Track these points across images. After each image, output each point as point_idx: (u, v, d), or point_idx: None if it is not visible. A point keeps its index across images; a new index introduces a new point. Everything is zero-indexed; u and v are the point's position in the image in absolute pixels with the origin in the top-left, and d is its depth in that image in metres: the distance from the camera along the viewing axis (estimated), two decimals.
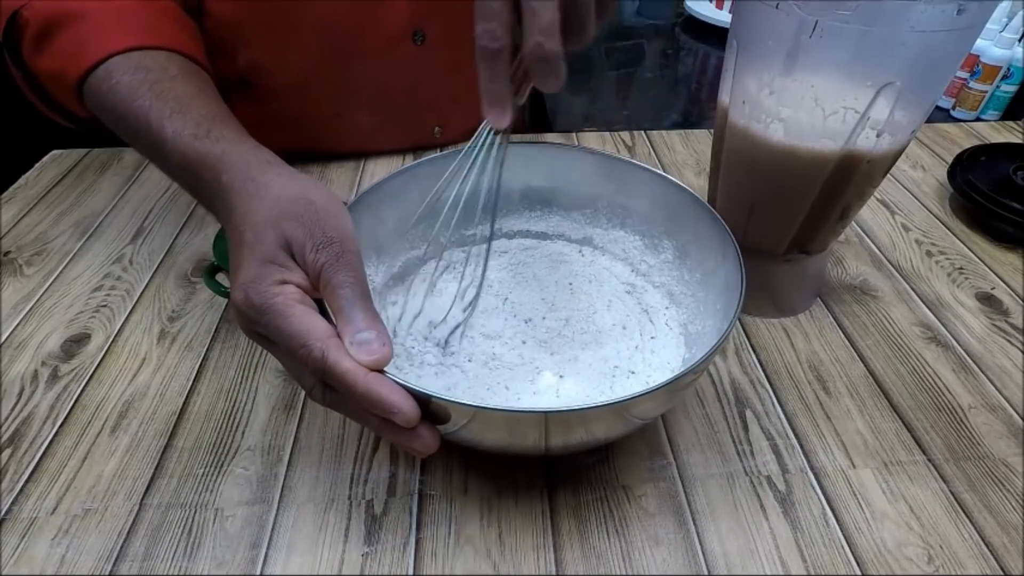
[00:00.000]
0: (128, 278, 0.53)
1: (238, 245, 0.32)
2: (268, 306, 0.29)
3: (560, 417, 0.30)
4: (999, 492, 0.38)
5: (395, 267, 0.46)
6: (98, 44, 0.42)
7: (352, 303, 0.30)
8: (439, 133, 0.70)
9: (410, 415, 0.29)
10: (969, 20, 0.35)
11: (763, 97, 0.41)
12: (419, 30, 0.62)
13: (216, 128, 0.37)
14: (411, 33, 0.62)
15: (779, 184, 0.44)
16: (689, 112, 2.09)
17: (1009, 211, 0.56)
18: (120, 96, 0.40)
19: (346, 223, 0.32)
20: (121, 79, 0.40)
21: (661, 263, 0.47)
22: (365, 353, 0.29)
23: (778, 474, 0.39)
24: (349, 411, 0.31)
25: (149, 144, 0.38)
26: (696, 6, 2.49)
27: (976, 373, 0.46)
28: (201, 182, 0.36)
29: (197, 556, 0.35)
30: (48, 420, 0.42)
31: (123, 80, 0.40)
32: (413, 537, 0.36)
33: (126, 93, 0.40)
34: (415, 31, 0.62)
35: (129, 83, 0.40)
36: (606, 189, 0.47)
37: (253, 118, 0.39)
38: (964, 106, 1.81)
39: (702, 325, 0.42)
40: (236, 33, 0.57)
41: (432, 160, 0.44)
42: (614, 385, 0.40)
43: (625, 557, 0.35)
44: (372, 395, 0.28)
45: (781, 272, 0.49)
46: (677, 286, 0.45)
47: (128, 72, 0.41)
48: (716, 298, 0.40)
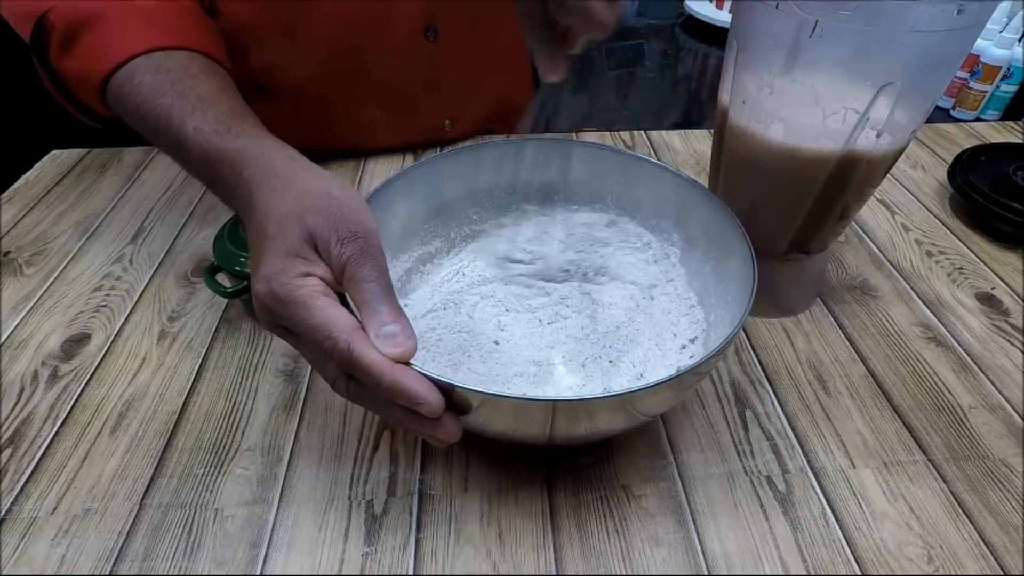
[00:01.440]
0: (128, 278, 0.53)
1: (260, 238, 0.32)
2: (292, 298, 0.29)
3: (567, 407, 0.31)
4: (999, 492, 0.38)
5: (409, 263, 0.47)
6: (120, 46, 0.42)
7: (377, 297, 0.30)
8: (449, 127, 0.71)
9: (435, 406, 0.29)
10: (969, 20, 0.35)
11: (763, 97, 0.41)
12: (432, 26, 0.62)
13: (237, 124, 0.37)
14: (424, 29, 0.62)
15: (779, 184, 0.44)
16: (689, 112, 2.09)
17: (1009, 211, 0.56)
18: (142, 96, 0.40)
19: (368, 218, 0.32)
20: (143, 79, 0.41)
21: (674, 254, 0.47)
22: (391, 346, 0.29)
23: (778, 474, 0.39)
24: (373, 403, 0.31)
25: (170, 141, 0.39)
26: (696, 6, 2.48)
27: (976, 373, 0.46)
28: (222, 177, 0.36)
29: (197, 556, 0.35)
30: (48, 420, 0.42)
31: (145, 80, 0.41)
32: (413, 537, 0.36)
33: (148, 93, 0.40)
34: (428, 27, 0.62)
35: (151, 83, 0.40)
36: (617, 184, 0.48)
37: (265, 118, 0.40)
38: (964, 106, 1.81)
39: (715, 315, 0.42)
40: (249, 35, 0.57)
41: (443, 156, 0.44)
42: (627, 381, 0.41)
43: (625, 557, 0.35)
44: (398, 386, 0.29)
45: (781, 272, 0.49)
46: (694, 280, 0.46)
47: (150, 72, 0.41)
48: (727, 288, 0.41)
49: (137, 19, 0.44)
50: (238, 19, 0.55)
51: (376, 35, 0.61)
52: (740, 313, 0.34)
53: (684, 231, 0.46)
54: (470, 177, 0.44)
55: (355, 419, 0.42)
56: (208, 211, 0.60)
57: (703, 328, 0.43)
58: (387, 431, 0.41)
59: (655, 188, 0.46)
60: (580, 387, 0.41)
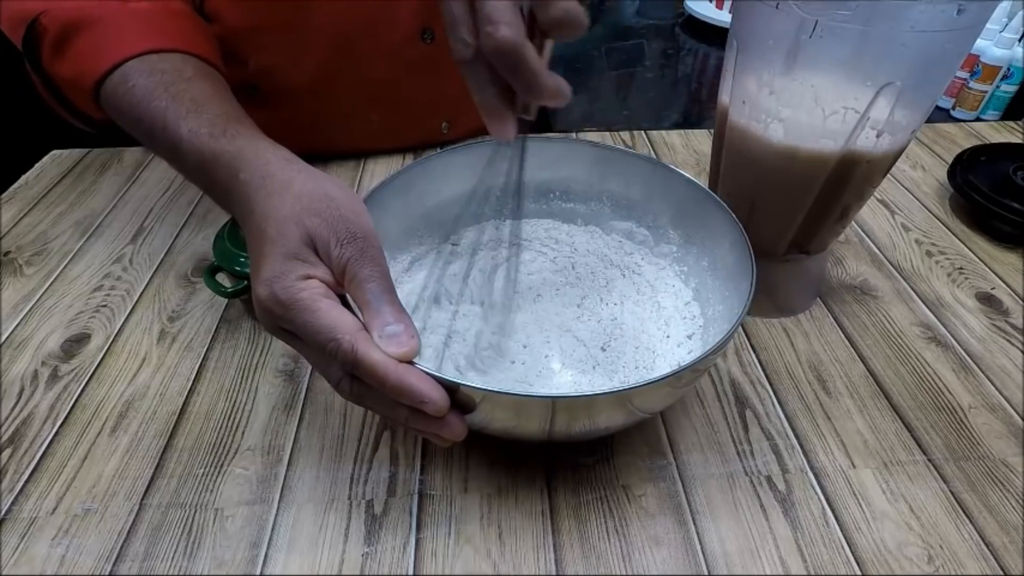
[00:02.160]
0: (128, 278, 0.53)
1: (259, 242, 0.32)
2: (294, 301, 0.29)
3: (566, 403, 0.31)
4: (999, 492, 0.38)
5: (404, 262, 0.47)
6: (114, 48, 0.42)
7: (379, 297, 0.30)
8: (447, 129, 0.71)
9: (440, 404, 0.29)
10: (969, 20, 0.35)
11: (763, 97, 0.41)
12: (428, 28, 0.62)
13: (232, 127, 0.37)
14: (420, 31, 0.62)
15: (779, 184, 0.44)
16: (689, 112, 2.09)
17: (1009, 211, 0.56)
18: (136, 98, 0.40)
19: (366, 219, 0.32)
20: (137, 82, 0.41)
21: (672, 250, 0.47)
22: (395, 345, 0.29)
23: (778, 474, 0.39)
24: (377, 403, 0.31)
25: (165, 145, 0.39)
26: (696, 6, 2.48)
27: (976, 373, 0.46)
28: (218, 180, 0.36)
29: (197, 556, 0.35)
30: (48, 420, 0.42)
31: (139, 83, 0.41)
32: (413, 537, 0.36)
33: (142, 95, 0.40)
34: (424, 29, 0.62)
35: (145, 85, 0.40)
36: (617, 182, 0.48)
37: (261, 122, 0.40)
38: (964, 106, 1.81)
39: (713, 311, 0.42)
40: (244, 38, 0.57)
41: (438, 156, 0.44)
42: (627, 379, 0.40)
43: (625, 557, 0.35)
44: (403, 386, 0.29)
45: (781, 272, 0.49)
46: (692, 277, 0.46)
47: (144, 75, 0.41)
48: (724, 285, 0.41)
49: (131, 22, 0.44)
50: (232, 23, 0.55)
51: (372, 37, 0.61)
52: (739, 311, 0.34)
53: (683, 230, 0.46)
54: (468, 176, 0.44)
55: (355, 419, 0.42)
56: (208, 211, 0.60)
57: (701, 326, 0.43)
58: (387, 431, 0.41)
59: (654, 187, 0.46)
60: (578, 383, 0.41)
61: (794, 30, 0.37)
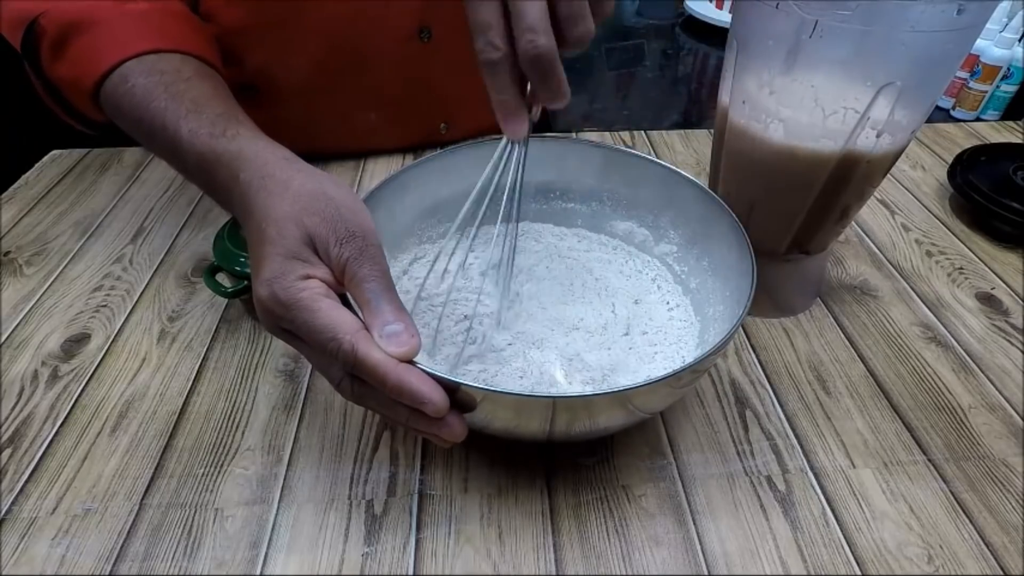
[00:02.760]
0: (128, 278, 0.53)
1: (259, 242, 0.32)
2: (295, 301, 0.30)
3: (566, 403, 0.31)
4: (999, 492, 0.38)
5: (404, 262, 0.47)
6: (113, 49, 0.42)
7: (379, 296, 0.30)
8: (445, 130, 0.71)
9: (440, 405, 0.29)
10: (969, 20, 0.35)
11: (763, 97, 0.41)
12: (426, 27, 0.62)
13: (232, 127, 0.37)
14: (418, 31, 0.62)
15: (779, 184, 0.44)
16: (689, 112, 2.09)
17: (1009, 211, 0.56)
18: (136, 99, 0.40)
19: (366, 218, 0.32)
20: (136, 82, 0.41)
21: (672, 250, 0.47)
22: (395, 345, 0.29)
23: (778, 474, 0.39)
24: (378, 403, 0.31)
25: (165, 145, 0.39)
26: (696, 6, 2.49)
27: (976, 373, 0.46)
28: (218, 180, 0.36)
29: (197, 556, 0.35)
30: (48, 420, 0.42)
31: (138, 83, 0.41)
32: (413, 537, 0.36)
33: (141, 96, 0.40)
34: (421, 28, 0.62)
35: (144, 86, 0.40)
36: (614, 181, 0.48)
37: (260, 122, 0.40)
38: (964, 106, 1.81)
39: (713, 311, 0.42)
40: (242, 39, 0.57)
41: (438, 156, 0.44)
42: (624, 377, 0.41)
43: (625, 557, 0.35)
44: (403, 386, 0.29)
45: (781, 272, 0.49)
46: (692, 277, 0.46)
47: (143, 75, 0.41)
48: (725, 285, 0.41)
49: (129, 23, 0.44)
50: (230, 24, 0.55)
51: (370, 37, 0.61)
52: (739, 311, 0.34)
53: (683, 230, 0.46)
54: (467, 176, 0.44)
55: (355, 419, 0.42)
56: (208, 211, 0.60)
57: (701, 326, 0.43)
58: (387, 431, 0.41)
59: (655, 187, 0.46)
60: (578, 384, 0.41)
61: (794, 30, 0.37)
